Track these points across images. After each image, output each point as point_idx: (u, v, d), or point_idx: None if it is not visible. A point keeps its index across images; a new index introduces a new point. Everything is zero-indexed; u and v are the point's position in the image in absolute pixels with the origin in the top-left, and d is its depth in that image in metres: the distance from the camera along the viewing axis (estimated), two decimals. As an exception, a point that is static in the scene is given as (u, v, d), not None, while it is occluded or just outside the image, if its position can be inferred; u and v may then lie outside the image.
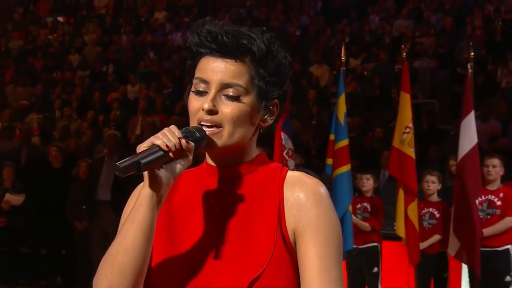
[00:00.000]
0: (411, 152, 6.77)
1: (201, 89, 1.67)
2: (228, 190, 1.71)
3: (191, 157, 1.62)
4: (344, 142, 6.99)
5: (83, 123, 13.38)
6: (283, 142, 7.26)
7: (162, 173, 1.59)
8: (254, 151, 1.76)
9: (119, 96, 14.34)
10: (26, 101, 15.10)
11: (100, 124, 13.19)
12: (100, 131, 12.14)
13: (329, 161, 7.52)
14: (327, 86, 13.71)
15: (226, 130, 1.65)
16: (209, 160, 1.75)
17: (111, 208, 8.87)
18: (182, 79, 14.53)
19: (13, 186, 9.54)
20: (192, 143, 1.60)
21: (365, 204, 7.51)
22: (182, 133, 1.60)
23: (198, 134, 1.63)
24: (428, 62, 13.35)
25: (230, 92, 1.65)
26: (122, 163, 1.53)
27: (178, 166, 1.61)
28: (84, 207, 9.13)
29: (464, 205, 6.52)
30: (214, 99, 1.65)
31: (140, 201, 1.60)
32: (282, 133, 7.28)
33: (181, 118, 12.75)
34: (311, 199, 1.65)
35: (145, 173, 1.59)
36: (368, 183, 7.54)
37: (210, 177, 1.73)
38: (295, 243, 1.65)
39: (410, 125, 6.80)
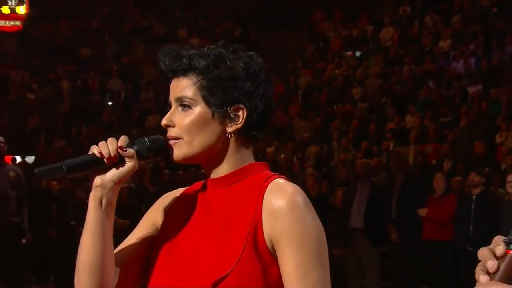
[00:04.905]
0: None
1: (168, 109, 1.86)
2: (214, 198, 1.82)
3: (132, 163, 1.76)
4: None
5: (357, 154, 13.50)
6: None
7: (103, 177, 1.75)
8: (243, 161, 1.83)
9: (395, 127, 14.27)
10: (307, 134, 15.71)
11: (373, 154, 13.21)
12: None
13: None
14: None
15: (185, 139, 1.79)
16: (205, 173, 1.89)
17: (364, 236, 8.84)
18: (460, 107, 14.06)
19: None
20: (130, 150, 1.75)
21: None
22: (134, 143, 1.78)
23: (148, 143, 1.78)
24: None
25: (182, 103, 1.81)
26: (43, 167, 1.68)
27: (117, 171, 1.76)
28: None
29: None
30: (171, 114, 1.82)
31: (89, 203, 1.77)
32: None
33: (452, 147, 12.32)
34: (286, 207, 1.70)
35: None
36: None
37: (202, 188, 1.88)
38: (273, 249, 1.71)
39: None
